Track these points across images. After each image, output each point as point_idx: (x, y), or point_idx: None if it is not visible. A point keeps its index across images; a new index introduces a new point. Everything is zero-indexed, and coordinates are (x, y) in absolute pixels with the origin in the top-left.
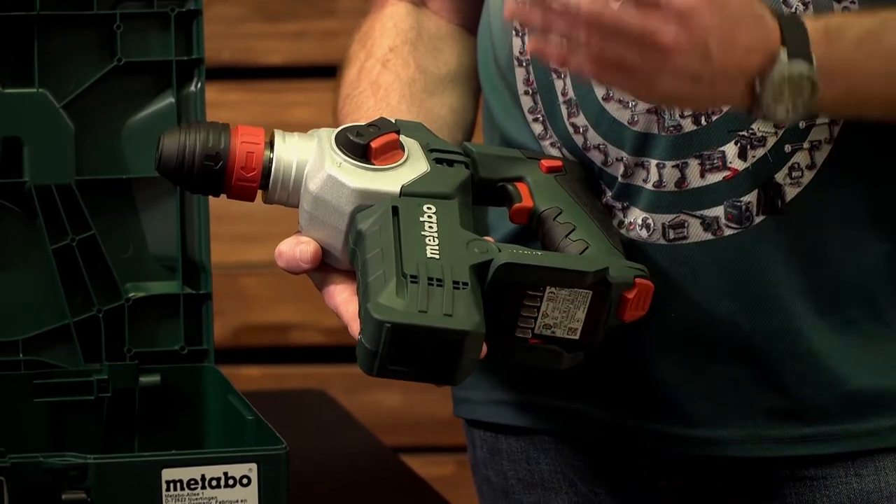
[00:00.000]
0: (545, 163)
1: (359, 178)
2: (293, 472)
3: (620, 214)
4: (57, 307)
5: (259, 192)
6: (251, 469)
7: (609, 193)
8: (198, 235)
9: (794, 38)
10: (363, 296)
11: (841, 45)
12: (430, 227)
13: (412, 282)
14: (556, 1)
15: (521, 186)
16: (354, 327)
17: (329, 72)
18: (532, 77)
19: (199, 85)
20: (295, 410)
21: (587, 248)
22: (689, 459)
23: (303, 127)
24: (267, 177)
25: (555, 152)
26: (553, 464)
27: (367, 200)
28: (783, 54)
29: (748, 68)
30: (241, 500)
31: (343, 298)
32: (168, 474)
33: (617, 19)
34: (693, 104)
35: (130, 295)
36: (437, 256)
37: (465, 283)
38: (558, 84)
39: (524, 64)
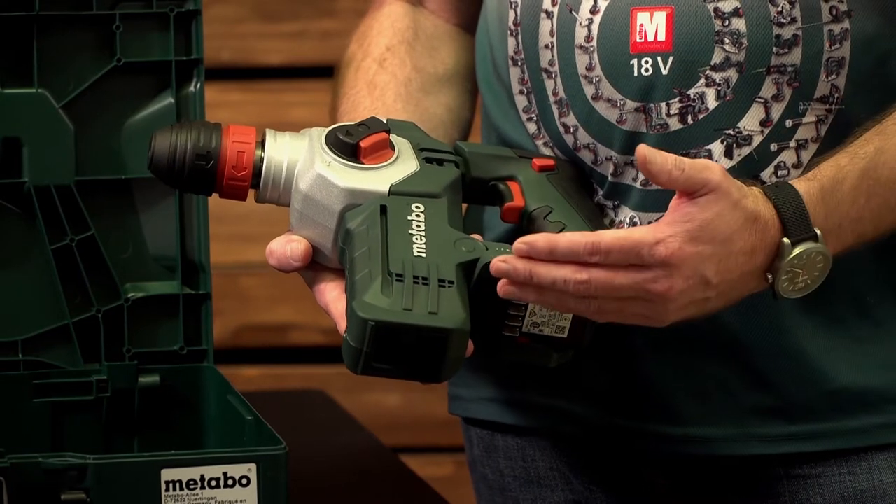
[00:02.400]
0: (537, 162)
1: (348, 177)
2: (292, 473)
3: (612, 213)
4: (56, 307)
5: (251, 192)
6: (250, 469)
7: (600, 192)
8: (197, 236)
9: (794, 221)
10: (349, 294)
11: (838, 200)
12: (418, 225)
13: (398, 280)
14: (541, 279)
15: (513, 185)
16: (343, 325)
17: (328, 72)
18: (527, 77)
19: (198, 85)
20: (294, 411)
21: None
22: (681, 458)
23: (302, 127)
24: (258, 176)
25: (548, 152)
26: (549, 461)
27: (356, 199)
28: (787, 244)
29: (754, 270)
30: (241, 501)
31: (333, 297)
32: (167, 474)
33: (605, 285)
34: (710, 313)
35: (130, 295)
36: (424, 255)
37: (450, 282)
38: (549, 84)
39: (519, 63)
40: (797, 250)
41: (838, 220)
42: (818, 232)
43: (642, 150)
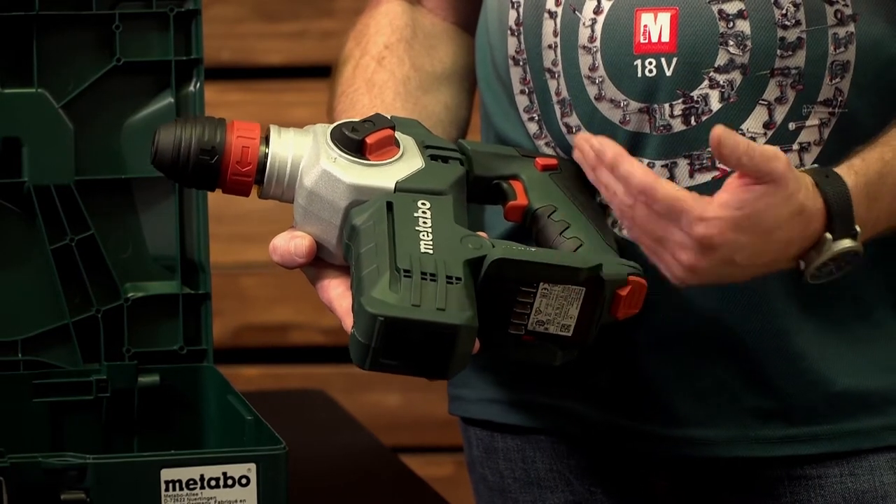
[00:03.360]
0: (540, 161)
1: (354, 173)
2: (292, 472)
3: (613, 213)
4: (56, 307)
5: (254, 187)
6: (250, 469)
7: None
8: (197, 235)
9: (840, 218)
10: (357, 290)
11: (881, 194)
12: (425, 222)
13: (405, 276)
14: (599, 176)
15: (516, 184)
16: (348, 322)
17: (328, 72)
18: (528, 76)
19: (198, 85)
20: (294, 410)
21: (581, 245)
22: (682, 459)
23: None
24: (262, 172)
25: (550, 152)
26: (549, 462)
27: (361, 196)
28: (829, 239)
29: (786, 257)
30: (241, 501)
31: (337, 293)
32: (167, 474)
33: (642, 223)
34: (729, 282)
35: (129, 295)
36: (431, 251)
37: (458, 278)
38: (552, 84)
39: (520, 63)
40: (836, 247)
41: (877, 214)
42: (858, 230)
43: (718, 129)
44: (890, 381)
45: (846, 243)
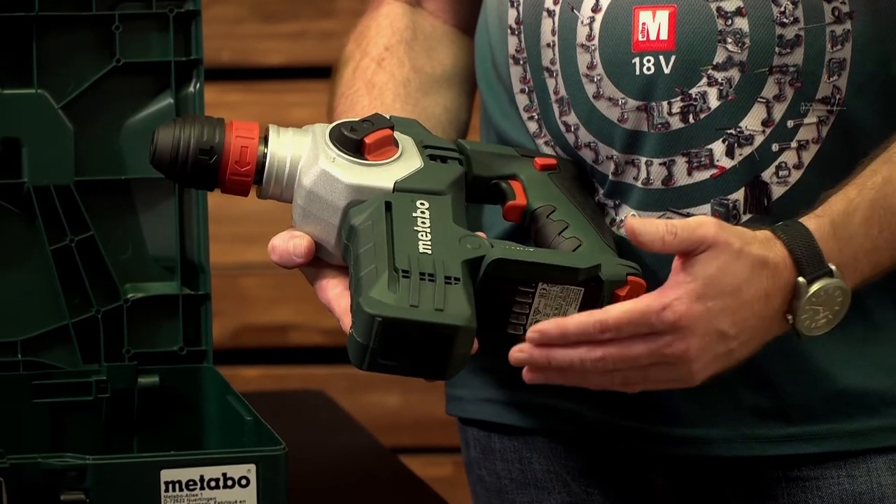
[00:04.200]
0: (539, 160)
1: (352, 173)
2: (292, 473)
3: (612, 212)
4: (56, 308)
5: (253, 187)
6: (250, 470)
7: (601, 191)
8: (197, 236)
9: (807, 260)
10: (355, 290)
11: (851, 233)
12: (423, 222)
13: (404, 276)
14: (559, 362)
15: (515, 184)
16: (346, 322)
17: (328, 72)
18: (528, 75)
19: (197, 85)
20: (294, 411)
21: (580, 245)
22: (680, 459)
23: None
24: (261, 171)
25: (549, 150)
26: (546, 463)
27: (360, 196)
28: (803, 283)
29: (772, 314)
30: (240, 501)
31: (335, 293)
32: (167, 475)
33: (621, 358)
34: (737, 363)
35: (129, 296)
36: (430, 252)
37: (456, 279)
38: (550, 83)
39: (521, 62)
40: (814, 288)
41: (853, 254)
42: (833, 267)
43: (630, 222)
44: (889, 382)
45: (823, 282)
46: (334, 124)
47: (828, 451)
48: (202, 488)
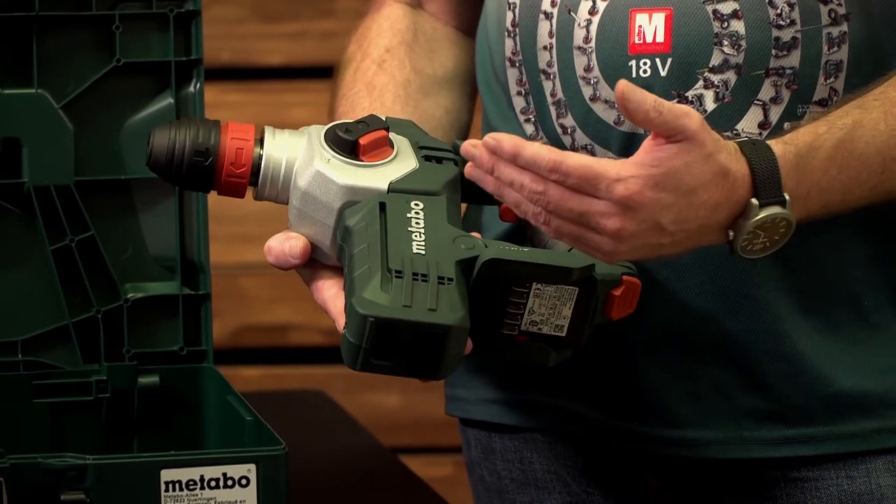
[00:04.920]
0: None
1: (347, 174)
2: (292, 473)
3: None
4: (56, 308)
5: (249, 189)
6: (250, 470)
7: None
8: (197, 236)
9: (766, 183)
10: (348, 290)
11: (813, 167)
12: (417, 223)
13: (397, 277)
14: (501, 175)
15: None
16: (341, 323)
17: (328, 72)
18: (525, 78)
19: (197, 86)
20: (294, 411)
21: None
22: (677, 461)
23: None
24: (256, 173)
25: None
26: (546, 463)
27: (355, 197)
28: (755, 204)
29: (715, 224)
30: (240, 501)
31: (331, 294)
32: (167, 475)
33: (558, 203)
34: (662, 258)
35: (129, 295)
36: (423, 252)
37: (450, 279)
38: (547, 85)
39: (517, 65)
40: (763, 213)
41: (808, 188)
42: (787, 197)
43: (622, 85)
44: (887, 383)
45: (774, 210)
46: (329, 126)
47: (826, 453)
48: (202, 488)
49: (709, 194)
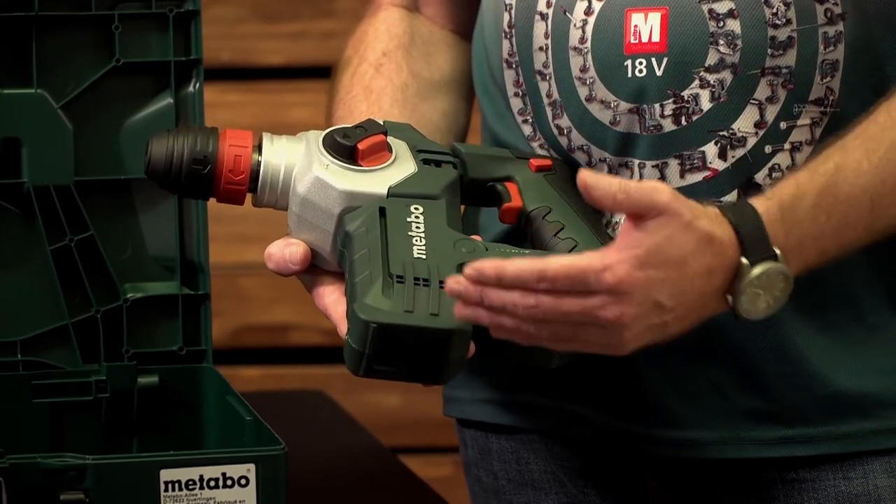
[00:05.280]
0: (535, 162)
1: (346, 179)
2: (291, 473)
3: (608, 214)
4: (55, 308)
5: (248, 196)
6: (249, 469)
7: None
8: (196, 236)
9: (753, 241)
10: (350, 296)
11: (799, 218)
12: (418, 227)
13: (398, 282)
14: (492, 302)
15: (511, 186)
16: (343, 328)
17: (328, 73)
18: (521, 79)
19: (197, 86)
20: (293, 411)
21: (576, 246)
22: (675, 461)
23: (302, 127)
24: (255, 180)
25: (544, 153)
26: (543, 464)
27: (354, 202)
28: (746, 264)
29: (712, 292)
30: (240, 501)
31: (332, 300)
32: (166, 475)
33: (554, 311)
34: (670, 338)
35: (129, 295)
36: (424, 256)
37: None
38: (543, 86)
39: (514, 66)
40: (756, 270)
41: (799, 239)
42: (777, 251)
43: (583, 175)
44: (885, 384)
45: (766, 265)
46: (327, 131)
47: (823, 454)
48: (202, 488)
49: (698, 262)
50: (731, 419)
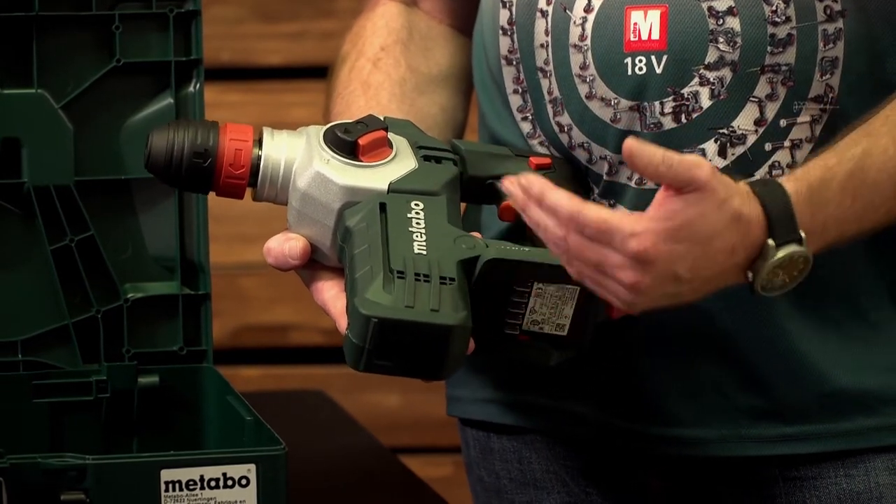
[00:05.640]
0: (534, 160)
1: (347, 174)
2: (292, 473)
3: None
4: (56, 308)
5: (248, 190)
6: (250, 470)
7: (596, 191)
8: (196, 236)
9: (781, 223)
10: (350, 291)
11: (826, 200)
12: (418, 223)
13: (399, 277)
14: (531, 216)
15: None
16: (342, 323)
17: (328, 72)
18: (522, 76)
19: (197, 86)
20: (294, 411)
21: None
22: (676, 459)
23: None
24: (255, 174)
25: (543, 151)
26: (545, 463)
27: (355, 197)
28: (771, 245)
29: (732, 267)
30: (240, 501)
31: (331, 295)
32: (167, 475)
33: (577, 251)
34: (683, 304)
35: (129, 295)
36: (425, 252)
37: (451, 279)
38: (544, 83)
39: (513, 63)
40: (781, 253)
41: (823, 221)
42: (803, 235)
43: (629, 143)
44: (886, 381)
45: (791, 248)
46: (328, 126)
47: (825, 451)
48: (202, 488)
49: (724, 241)
50: (731, 417)
